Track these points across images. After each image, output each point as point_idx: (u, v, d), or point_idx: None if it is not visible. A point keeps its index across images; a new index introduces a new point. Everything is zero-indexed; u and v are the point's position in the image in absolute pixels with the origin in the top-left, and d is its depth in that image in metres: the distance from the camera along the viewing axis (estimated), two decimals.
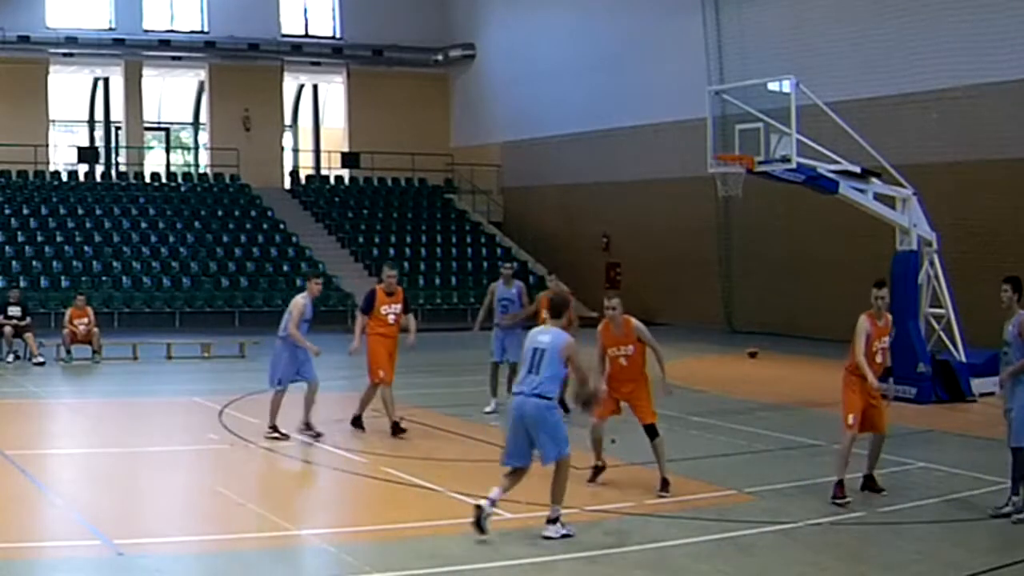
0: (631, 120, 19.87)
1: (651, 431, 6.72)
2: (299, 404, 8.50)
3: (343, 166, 24.29)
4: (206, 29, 22.96)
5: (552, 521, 5.54)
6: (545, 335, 5.68)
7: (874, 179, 10.85)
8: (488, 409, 9.50)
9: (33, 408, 10.28)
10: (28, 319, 13.48)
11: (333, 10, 24.28)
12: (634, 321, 6.71)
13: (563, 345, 5.55)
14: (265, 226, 21.50)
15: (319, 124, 25.76)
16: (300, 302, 8.41)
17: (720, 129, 11.28)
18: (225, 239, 20.64)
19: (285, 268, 20.34)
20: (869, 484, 6.70)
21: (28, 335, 13.21)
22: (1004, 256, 13.90)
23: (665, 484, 6.53)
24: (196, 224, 20.84)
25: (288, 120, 25.14)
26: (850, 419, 6.56)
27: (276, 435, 8.16)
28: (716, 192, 11.67)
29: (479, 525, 5.38)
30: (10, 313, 13.36)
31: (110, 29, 22.17)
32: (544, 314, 7.38)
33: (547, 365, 5.50)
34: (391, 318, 8.64)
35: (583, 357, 5.76)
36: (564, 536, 5.48)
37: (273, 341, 8.87)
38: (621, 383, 6.73)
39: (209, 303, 18.78)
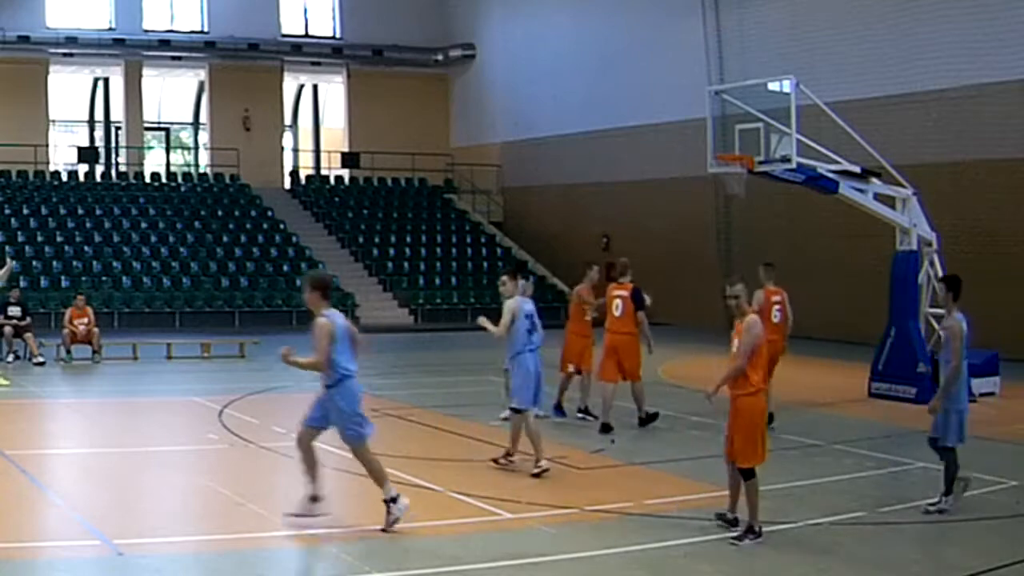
0: (631, 120, 19.87)
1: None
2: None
3: (343, 166, 24.28)
4: (206, 29, 22.95)
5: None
6: None
7: (874, 179, 10.81)
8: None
9: (33, 408, 10.25)
10: (28, 319, 13.47)
11: (333, 10, 24.27)
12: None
13: None
14: (265, 226, 21.50)
15: (319, 124, 25.76)
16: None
17: (720, 129, 11.22)
18: (225, 239, 20.63)
19: (285, 268, 20.35)
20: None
21: (28, 335, 13.21)
22: (1004, 256, 13.90)
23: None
24: (196, 224, 20.84)
25: (288, 120, 25.15)
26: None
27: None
28: (716, 192, 11.65)
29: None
30: (10, 313, 13.35)
31: (110, 29, 22.15)
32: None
33: None
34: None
35: None
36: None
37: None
38: None
39: (209, 303, 18.78)
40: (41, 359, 12.93)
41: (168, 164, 24.28)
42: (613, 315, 8.74)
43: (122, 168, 22.90)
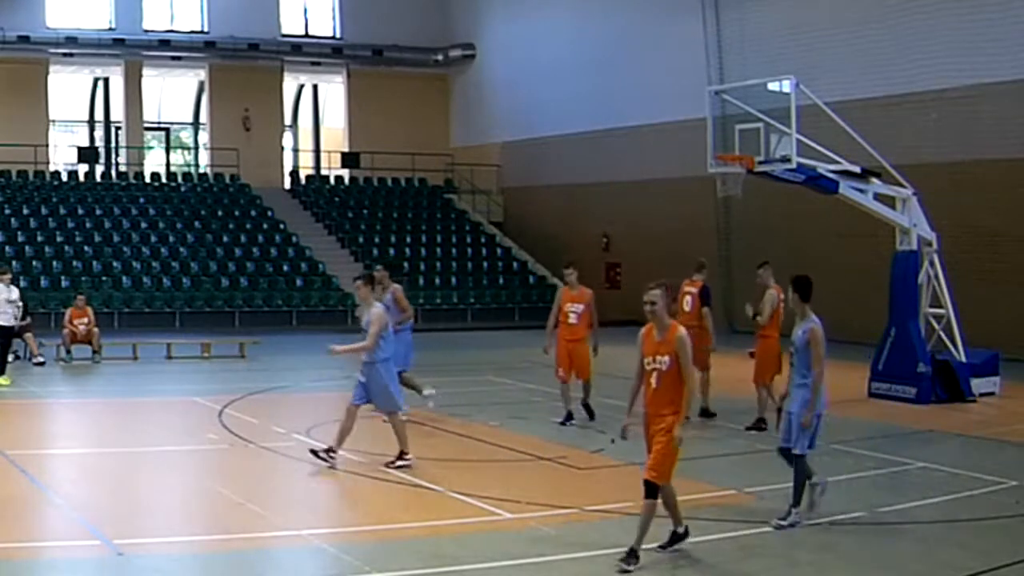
0: (631, 120, 19.95)
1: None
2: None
3: (343, 166, 24.36)
4: (206, 29, 23.02)
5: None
6: None
7: (874, 179, 10.84)
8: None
9: (33, 408, 10.29)
10: (28, 319, 13.48)
11: (333, 10, 24.35)
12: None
13: None
14: (265, 226, 21.57)
15: (319, 124, 25.83)
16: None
17: (720, 129, 11.26)
18: (225, 239, 20.70)
19: (285, 268, 20.41)
20: None
21: (28, 335, 13.22)
22: (1004, 255, 13.93)
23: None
24: (196, 224, 20.91)
25: (288, 120, 25.22)
26: None
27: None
28: (716, 192, 11.68)
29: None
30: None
31: (110, 29, 22.22)
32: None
33: None
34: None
35: None
36: None
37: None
38: None
39: (209, 303, 18.82)
40: (41, 359, 12.96)
41: (168, 164, 24.37)
42: (683, 310, 9.12)
43: (122, 168, 22.98)
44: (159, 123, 24.72)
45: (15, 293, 11.86)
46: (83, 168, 22.37)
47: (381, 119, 23.87)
